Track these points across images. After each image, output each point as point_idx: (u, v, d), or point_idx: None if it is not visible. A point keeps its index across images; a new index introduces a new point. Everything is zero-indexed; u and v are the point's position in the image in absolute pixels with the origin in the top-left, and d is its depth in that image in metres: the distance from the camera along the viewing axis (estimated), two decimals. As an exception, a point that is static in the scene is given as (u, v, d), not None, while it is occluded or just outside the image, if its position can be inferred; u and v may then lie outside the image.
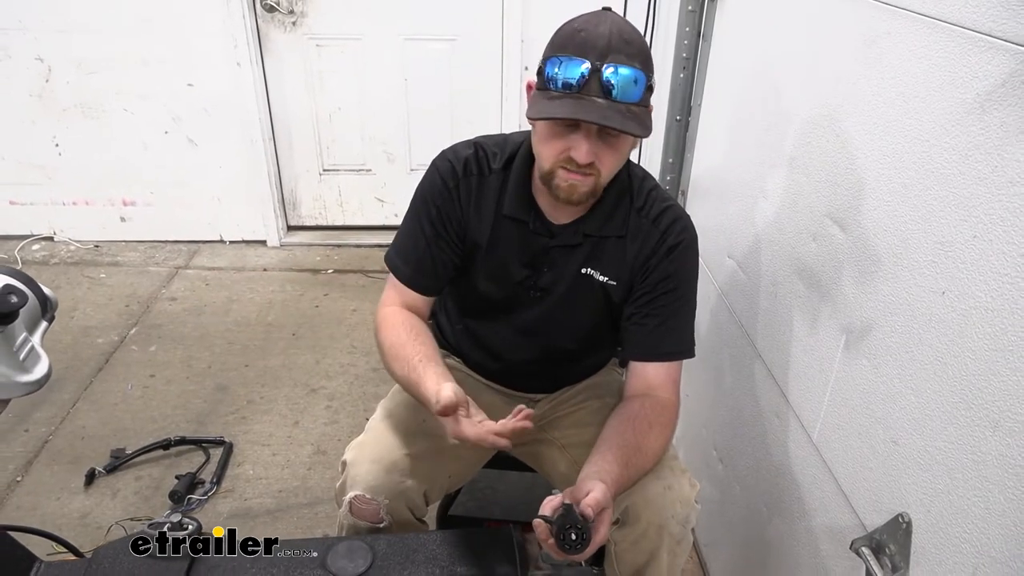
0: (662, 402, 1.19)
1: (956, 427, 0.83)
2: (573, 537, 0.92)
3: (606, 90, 0.99)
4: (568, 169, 1.07)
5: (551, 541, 0.95)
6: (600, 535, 0.97)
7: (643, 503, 1.13)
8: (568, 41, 1.02)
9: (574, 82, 1.00)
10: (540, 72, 1.05)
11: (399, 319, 1.22)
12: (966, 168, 0.82)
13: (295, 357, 2.55)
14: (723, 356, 1.63)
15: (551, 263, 1.22)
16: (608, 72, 0.99)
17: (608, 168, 1.08)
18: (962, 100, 0.82)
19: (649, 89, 1.04)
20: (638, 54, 1.02)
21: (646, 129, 1.03)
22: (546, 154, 1.08)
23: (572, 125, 1.04)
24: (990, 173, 0.78)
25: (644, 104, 1.03)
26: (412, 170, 3.18)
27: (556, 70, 1.01)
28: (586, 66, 0.99)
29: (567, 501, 0.96)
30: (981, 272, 0.79)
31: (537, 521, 0.96)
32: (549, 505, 0.98)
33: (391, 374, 1.22)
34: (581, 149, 1.03)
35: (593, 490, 0.98)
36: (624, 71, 0.99)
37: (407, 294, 1.26)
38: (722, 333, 1.63)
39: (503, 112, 3.06)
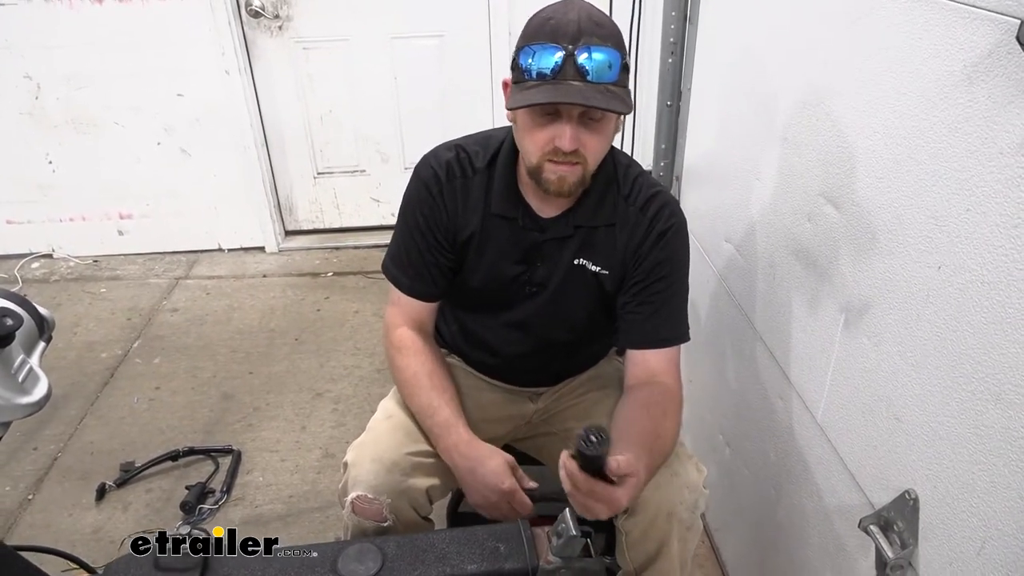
0: (668, 388, 1.19)
1: (958, 401, 0.83)
2: (593, 439, 0.85)
3: (582, 73, 0.99)
4: (555, 161, 1.06)
5: (575, 469, 0.89)
6: (626, 496, 0.92)
7: (651, 490, 1.12)
8: (539, 30, 1.02)
9: (549, 69, 1.00)
10: (514, 66, 1.05)
11: (417, 346, 1.26)
12: (956, 141, 0.81)
13: (299, 362, 2.55)
14: (724, 340, 1.62)
15: (544, 258, 1.22)
16: (583, 56, 0.99)
17: (594, 153, 1.08)
18: (949, 73, 0.81)
19: (624, 68, 1.03)
20: (610, 36, 1.02)
21: (627, 106, 1.03)
22: (531, 147, 1.08)
23: (553, 113, 1.04)
24: (980, 145, 0.77)
25: (622, 84, 1.03)
26: (406, 168, 3.18)
27: (530, 60, 1.01)
28: (560, 53, 0.99)
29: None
30: (976, 245, 0.79)
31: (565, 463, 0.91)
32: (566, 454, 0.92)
33: (409, 402, 1.25)
34: (565, 136, 1.03)
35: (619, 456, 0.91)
36: (598, 53, 0.99)
37: (411, 305, 1.27)
38: (722, 317, 1.62)
39: (494, 105, 3.05)
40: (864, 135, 1.00)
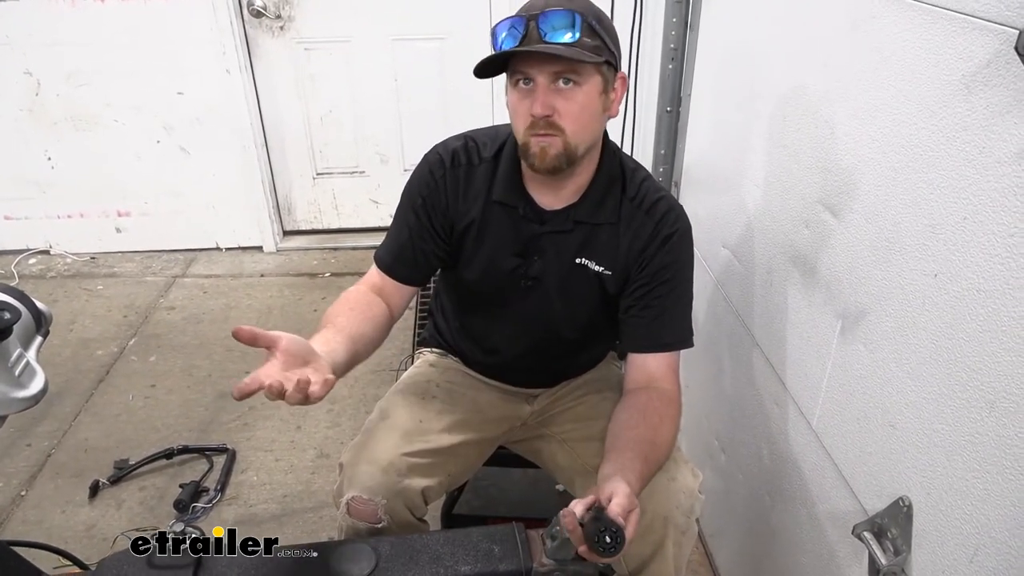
0: (666, 394, 1.19)
1: (952, 409, 0.83)
2: (608, 540, 0.90)
3: (543, 34, 1.02)
4: (537, 134, 1.08)
5: (583, 546, 0.92)
6: (630, 534, 0.94)
7: (647, 495, 1.12)
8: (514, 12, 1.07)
9: (513, 36, 1.03)
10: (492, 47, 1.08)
11: (352, 294, 1.22)
12: (954, 150, 0.82)
13: (295, 362, 2.54)
14: (721, 346, 1.63)
15: (541, 251, 1.22)
16: (543, 20, 1.01)
17: (571, 121, 1.07)
18: (948, 82, 0.82)
19: (590, 29, 1.04)
20: (580, 8, 1.04)
21: (593, 56, 1.04)
22: (518, 124, 1.10)
23: (530, 87, 1.06)
24: (978, 154, 0.78)
25: (588, 42, 1.04)
26: (405, 170, 3.17)
27: (501, 35, 1.05)
28: (523, 22, 1.03)
29: (596, 504, 0.94)
30: (972, 254, 0.79)
31: (570, 514, 0.93)
32: (580, 505, 0.95)
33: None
34: (536, 101, 1.05)
35: (616, 494, 0.95)
36: (558, 13, 1.02)
37: (383, 279, 1.26)
38: (719, 323, 1.63)
39: (495, 108, 3.05)
40: (862, 142, 1.01)
